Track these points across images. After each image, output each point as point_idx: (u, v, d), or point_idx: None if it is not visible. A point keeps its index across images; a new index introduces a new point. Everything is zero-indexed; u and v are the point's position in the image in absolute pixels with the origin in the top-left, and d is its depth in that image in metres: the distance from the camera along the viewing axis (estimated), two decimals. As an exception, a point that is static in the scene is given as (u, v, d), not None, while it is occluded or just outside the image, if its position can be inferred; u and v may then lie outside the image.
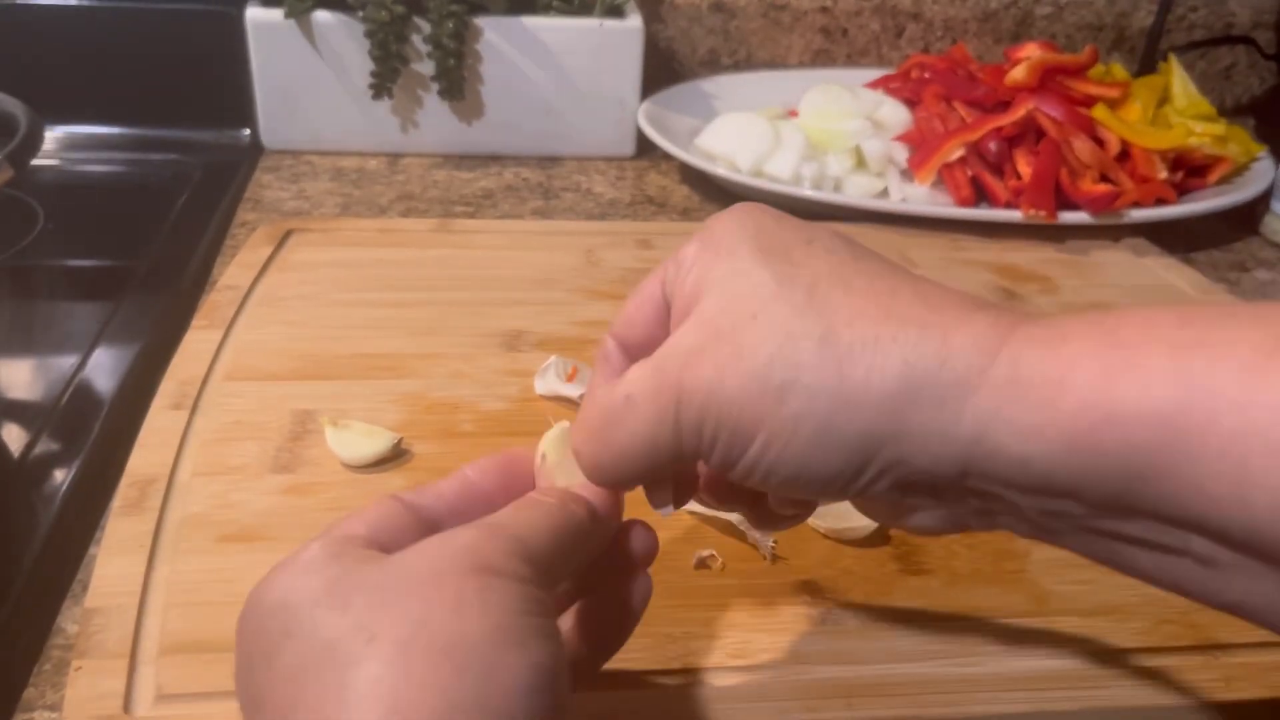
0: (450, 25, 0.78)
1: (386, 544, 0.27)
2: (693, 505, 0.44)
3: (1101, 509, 0.25)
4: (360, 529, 0.27)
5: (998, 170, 0.76)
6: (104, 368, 0.55)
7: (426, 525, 0.29)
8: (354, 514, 0.28)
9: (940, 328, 0.26)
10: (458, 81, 0.80)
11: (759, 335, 0.27)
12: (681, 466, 0.31)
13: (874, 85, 0.86)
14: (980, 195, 0.77)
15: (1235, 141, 0.82)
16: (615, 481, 0.31)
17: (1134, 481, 0.24)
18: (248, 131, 0.84)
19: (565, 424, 0.32)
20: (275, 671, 0.24)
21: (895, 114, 0.81)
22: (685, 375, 0.28)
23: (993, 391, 0.25)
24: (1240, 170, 0.82)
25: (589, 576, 0.32)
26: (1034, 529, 0.28)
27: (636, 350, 0.31)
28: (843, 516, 0.43)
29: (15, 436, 0.50)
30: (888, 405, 0.26)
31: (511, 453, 0.32)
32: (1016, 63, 0.80)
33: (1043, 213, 0.73)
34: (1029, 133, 0.77)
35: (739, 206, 0.31)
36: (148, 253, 0.67)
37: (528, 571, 0.26)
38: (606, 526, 0.31)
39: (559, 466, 0.32)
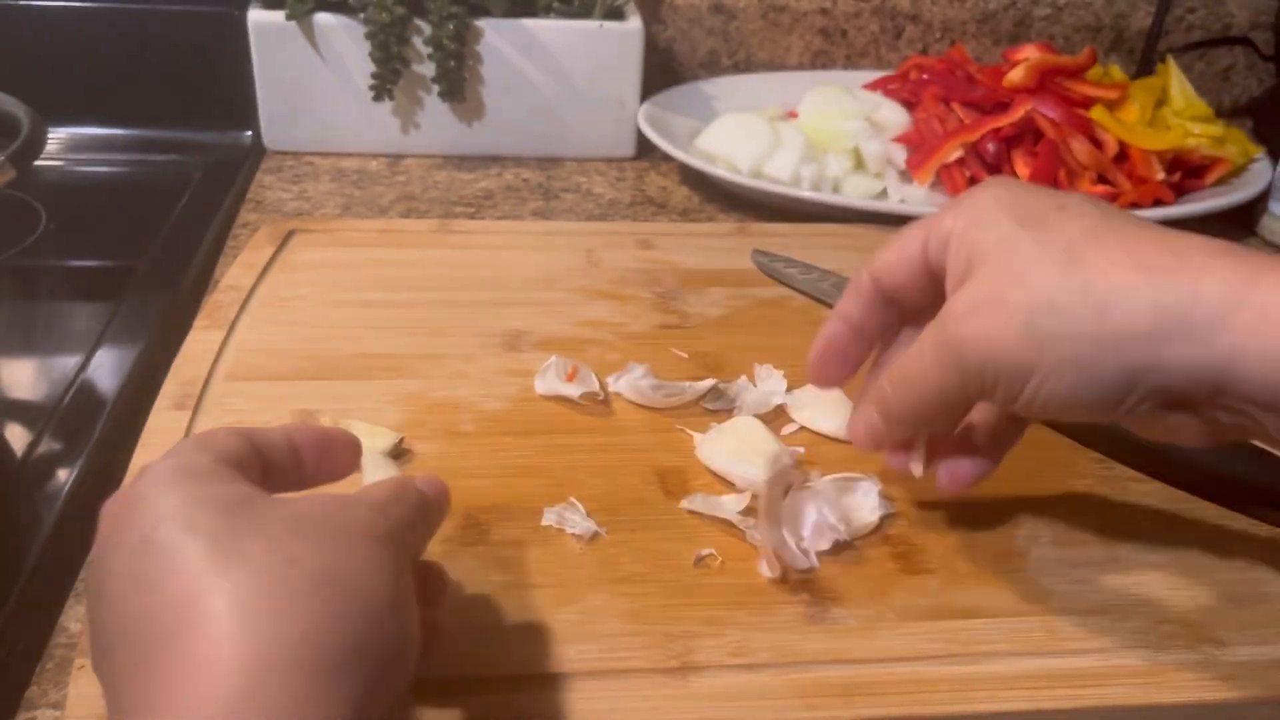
0: (451, 27, 0.78)
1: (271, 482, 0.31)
2: (694, 504, 0.44)
3: None
4: (231, 459, 0.30)
5: (996, 171, 0.77)
6: (106, 368, 0.55)
7: (264, 467, 0.31)
8: (212, 437, 0.30)
9: (1189, 274, 0.31)
10: (458, 83, 0.80)
11: (1027, 293, 0.32)
12: (954, 416, 0.38)
13: (873, 86, 0.87)
14: (979, 196, 0.77)
15: (1233, 142, 0.82)
16: (910, 423, 0.38)
17: None
18: (249, 133, 0.84)
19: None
20: (176, 558, 0.26)
21: (894, 115, 0.81)
22: (965, 330, 0.34)
23: (1244, 327, 0.30)
24: (1238, 171, 0.82)
25: None
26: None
27: (890, 290, 0.39)
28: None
29: (18, 436, 0.50)
30: (1144, 342, 0.31)
31: (330, 431, 0.35)
32: (1015, 64, 0.80)
33: (1042, 214, 0.73)
34: (1027, 134, 0.77)
35: (992, 181, 0.37)
36: (150, 253, 0.67)
37: (399, 553, 0.29)
38: (441, 519, 0.35)
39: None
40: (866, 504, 0.44)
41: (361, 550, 0.28)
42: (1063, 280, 0.32)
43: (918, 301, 0.39)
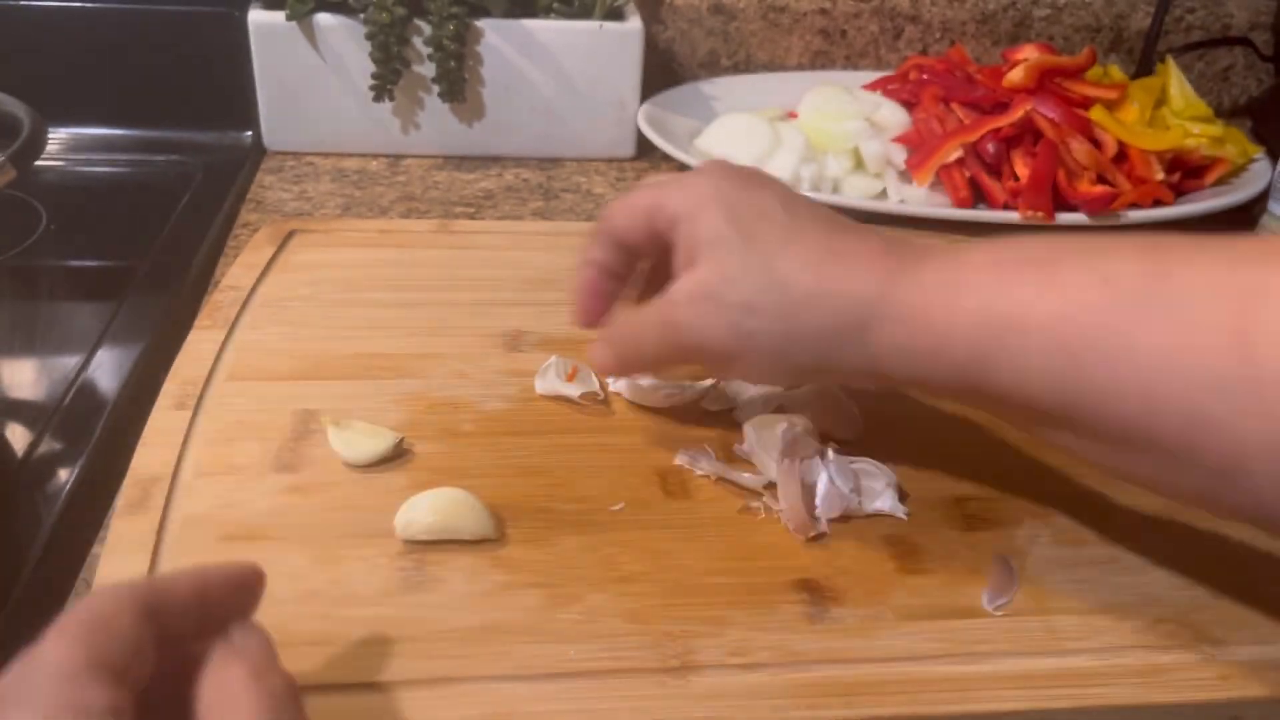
0: (451, 27, 0.78)
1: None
2: (712, 469, 0.46)
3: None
4: (93, 655, 0.27)
5: (995, 171, 0.77)
6: (107, 368, 0.55)
7: (158, 631, 0.29)
8: (104, 626, 0.28)
9: (851, 279, 0.38)
10: (458, 83, 0.80)
11: (736, 295, 0.40)
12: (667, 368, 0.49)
13: (872, 87, 0.87)
14: (978, 196, 0.77)
15: (1232, 143, 0.82)
16: (634, 369, 0.49)
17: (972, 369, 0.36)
18: (250, 133, 0.84)
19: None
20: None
21: (894, 115, 0.81)
22: (682, 316, 0.41)
23: (884, 325, 0.37)
24: (1237, 171, 0.82)
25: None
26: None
27: (621, 241, 0.45)
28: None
29: (19, 436, 0.50)
30: (822, 344, 0.39)
31: (244, 569, 0.33)
32: (1014, 64, 0.80)
33: (1040, 214, 0.73)
34: (1027, 134, 0.77)
35: (710, 169, 0.44)
36: (150, 253, 0.67)
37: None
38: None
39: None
40: (880, 491, 0.46)
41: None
42: (762, 287, 0.39)
43: (650, 252, 0.45)
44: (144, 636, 0.28)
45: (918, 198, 0.77)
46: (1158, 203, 0.76)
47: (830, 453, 0.46)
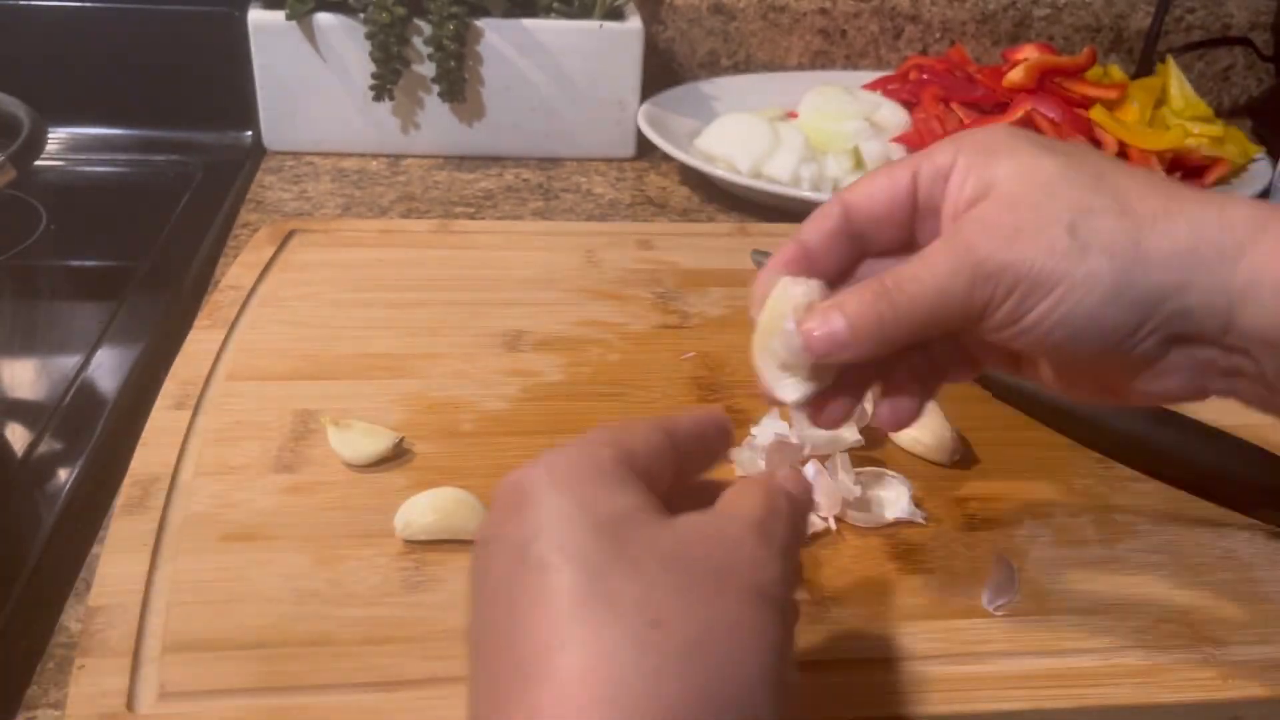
0: (451, 27, 0.78)
1: (653, 479, 0.28)
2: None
3: None
4: (640, 451, 0.28)
5: (997, 171, 0.77)
6: (106, 368, 0.55)
7: (678, 458, 0.30)
8: (631, 428, 0.29)
9: (1217, 204, 0.30)
10: (458, 83, 0.80)
11: (1058, 207, 0.30)
12: (939, 333, 0.32)
13: (872, 87, 0.87)
14: (979, 196, 0.77)
15: (1232, 142, 0.82)
16: (882, 340, 0.32)
17: None
18: (249, 133, 0.84)
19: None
20: (547, 587, 0.24)
21: (894, 115, 0.81)
22: (983, 238, 0.30)
23: (1263, 254, 0.29)
24: (1237, 171, 0.82)
25: None
26: (1266, 396, 0.31)
27: (862, 222, 0.34)
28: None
29: (19, 436, 0.50)
30: (1176, 262, 0.29)
31: (708, 417, 0.32)
32: (1014, 64, 0.80)
33: (1041, 214, 0.73)
34: (1028, 134, 0.77)
35: (995, 125, 0.35)
36: (150, 253, 0.67)
37: (787, 597, 0.27)
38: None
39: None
40: (895, 499, 0.45)
41: (742, 611, 0.25)
42: (1097, 199, 0.30)
43: (887, 241, 0.35)
44: (655, 447, 0.29)
45: (918, 198, 0.77)
46: (1158, 203, 0.76)
47: (838, 457, 0.45)
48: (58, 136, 0.81)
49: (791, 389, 0.33)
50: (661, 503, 0.27)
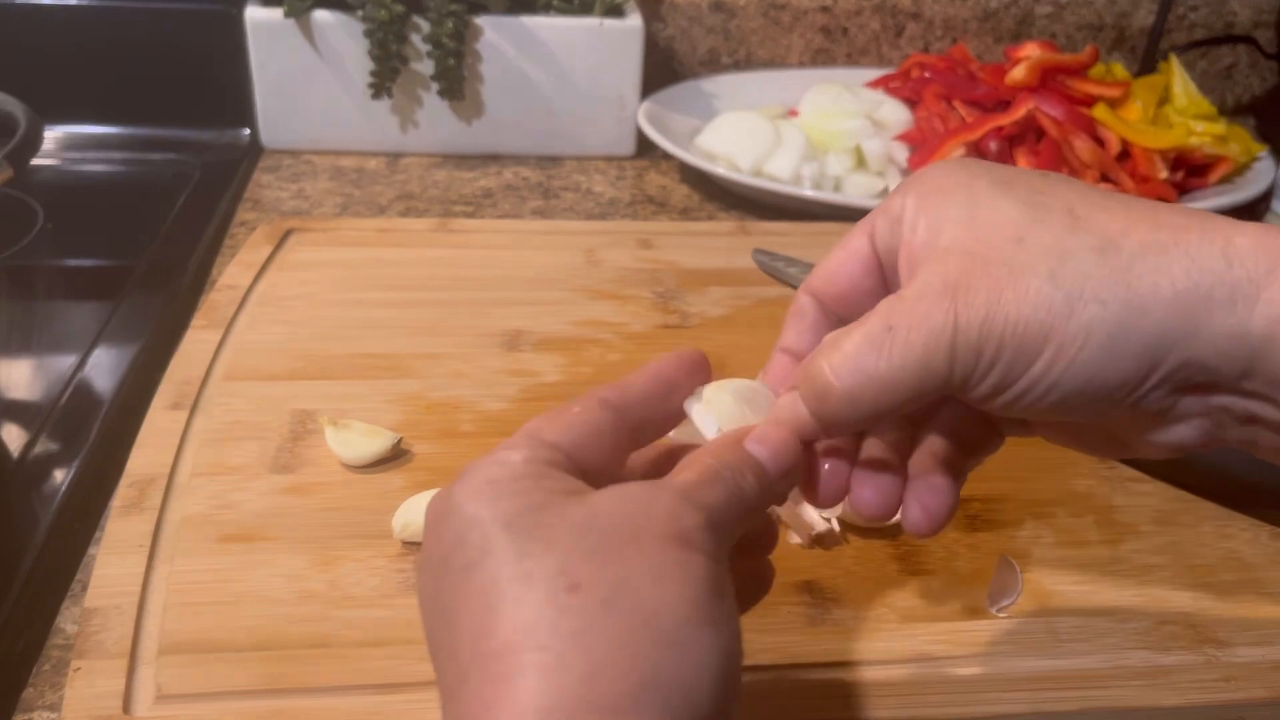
0: (450, 24, 0.78)
1: (586, 459, 0.28)
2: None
3: None
4: (564, 439, 0.28)
5: (998, 170, 0.76)
6: (103, 367, 0.55)
7: (626, 428, 0.29)
8: (557, 416, 0.28)
9: (1218, 232, 0.26)
10: (457, 81, 0.80)
11: (1031, 255, 0.27)
12: (917, 405, 0.29)
13: (874, 85, 0.86)
14: (980, 195, 0.77)
15: (1236, 141, 0.82)
16: (861, 417, 0.29)
17: None
18: (247, 131, 0.84)
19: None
20: (471, 585, 0.24)
21: (895, 113, 0.81)
22: (957, 301, 0.27)
23: None
24: (1241, 170, 0.82)
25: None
26: None
27: (835, 304, 0.32)
28: None
29: (15, 436, 0.50)
30: (1179, 305, 0.26)
31: (683, 353, 0.32)
32: (1017, 62, 0.80)
33: (1043, 212, 0.72)
34: (1029, 132, 0.77)
35: (948, 160, 0.32)
36: (147, 252, 0.67)
37: (714, 547, 0.26)
38: (775, 497, 0.29)
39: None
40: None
41: (654, 560, 0.24)
42: (1073, 240, 0.27)
43: (868, 309, 0.30)
44: (602, 421, 0.28)
45: (919, 196, 0.77)
46: (1161, 201, 0.75)
47: None
48: (54, 135, 0.81)
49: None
50: (592, 483, 0.27)
